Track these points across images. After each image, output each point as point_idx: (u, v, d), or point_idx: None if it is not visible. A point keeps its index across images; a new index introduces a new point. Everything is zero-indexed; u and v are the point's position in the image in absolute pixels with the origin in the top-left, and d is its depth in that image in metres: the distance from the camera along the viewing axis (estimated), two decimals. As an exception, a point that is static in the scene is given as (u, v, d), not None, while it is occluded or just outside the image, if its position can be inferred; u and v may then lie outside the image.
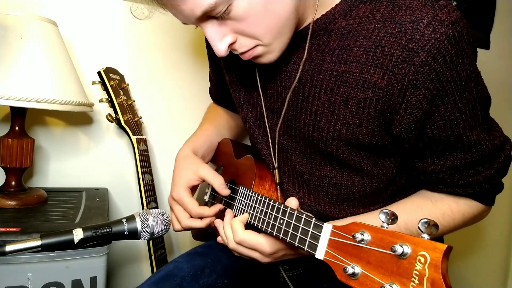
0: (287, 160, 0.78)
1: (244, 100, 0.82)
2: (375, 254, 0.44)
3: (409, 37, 0.56)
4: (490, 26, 1.71)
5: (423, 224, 0.41)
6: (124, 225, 0.67)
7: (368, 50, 0.60)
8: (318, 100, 0.67)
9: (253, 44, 0.63)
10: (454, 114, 0.60)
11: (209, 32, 0.61)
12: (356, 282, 0.45)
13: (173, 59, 1.28)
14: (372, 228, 0.45)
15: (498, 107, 1.74)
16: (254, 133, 0.81)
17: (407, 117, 0.60)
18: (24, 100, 0.85)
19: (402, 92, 0.58)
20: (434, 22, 0.54)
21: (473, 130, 0.62)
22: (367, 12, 0.61)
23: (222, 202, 0.87)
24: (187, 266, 0.76)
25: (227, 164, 0.95)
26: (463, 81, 0.58)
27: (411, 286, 0.40)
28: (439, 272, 0.38)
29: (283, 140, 0.76)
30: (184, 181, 0.84)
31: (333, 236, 0.50)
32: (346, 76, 0.62)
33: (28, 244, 0.59)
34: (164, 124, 1.29)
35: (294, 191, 0.77)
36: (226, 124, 1.05)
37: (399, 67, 0.57)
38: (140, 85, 1.23)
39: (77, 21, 1.14)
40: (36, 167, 1.14)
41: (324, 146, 0.69)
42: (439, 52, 0.55)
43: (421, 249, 0.40)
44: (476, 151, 0.63)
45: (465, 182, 0.66)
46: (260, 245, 0.65)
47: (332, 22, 0.64)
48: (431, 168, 0.67)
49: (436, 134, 0.62)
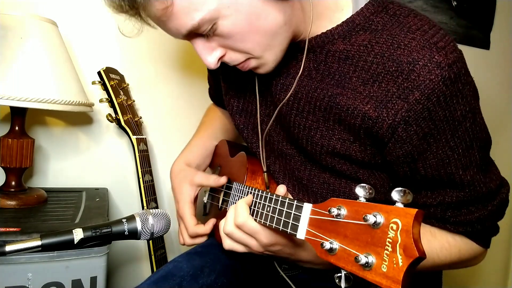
0: (286, 165, 0.79)
1: (242, 107, 0.83)
2: (351, 227, 0.44)
3: (405, 76, 0.57)
4: (490, 26, 1.71)
5: (398, 192, 0.40)
6: (124, 225, 0.67)
7: (366, 82, 0.61)
8: (313, 115, 0.68)
9: (243, 58, 0.64)
10: (446, 152, 0.60)
11: (197, 47, 0.63)
12: (334, 257, 0.45)
13: (173, 59, 1.28)
14: (349, 202, 0.45)
15: (498, 107, 1.75)
16: (252, 140, 0.83)
17: (396, 151, 0.61)
18: (24, 100, 0.85)
19: (392, 127, 0.59)
20: (430, 64, 0.56)
21: (466, 170, 0.62)
22: (366, 41, 0.62)
23: (219, 202, 0.88)
24: (186, 266, 0.76)
25: (224, 164, 0.96)
26: (456, 120, 0.58)
27: (385, 254, 0.39)
28: (411, 237, 0.37)
29: (282, 147, 0.77)
30: (186, 196, 0.89)
31: (313, 215, 0.50)
32: (339, 99, 0.63)
33: (28, 244, 0.59)
34: (164, 124, 1.29)
35: (294, 192, 0.78)
36: (223, 127, 1.07)
37: (393, 102, 0.58)
38: (140, 85, 1.23)
39: (77, 21, 1.14)
40: (36, 167, 1.14)
41: (319, 159, 0.70)
42: (433, 93, 0.56)
43: (393, 217, 0.39)
44: (469, 191, 0.63)
45: (456, 220, 0.66)
46: (259, 233, 0.64)
47: (330, 42, 0.65)
48: (423, 200, 0.67)
49: (428, 172, 0.62)
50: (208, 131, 1.04)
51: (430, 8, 1.57)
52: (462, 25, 1.64)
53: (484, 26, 1.70)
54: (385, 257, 0.39)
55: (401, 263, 0.38)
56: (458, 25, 1.63)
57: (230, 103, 0.85)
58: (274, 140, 0.79)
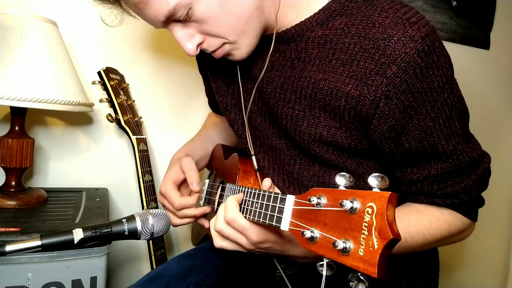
0: (276, 160, 0.79)
1: (231, 104, 0.85)
2: (330, 214, 0.44)
3: (381, 52, 0.59)
4: (490, 26, 1.71)
5: (375, 178, 0.40)
6: (124, 225, 0.67)
7: (345, 63, 0.63)
8: (299, 105, 0.69)
9: (220, 43, 0.67)
10: (427, 123, 0.62)
11: (176, 34, 0.66)
12: (315, 245, 0.45)
13: (173, 59, 1.28)
14: (329, 190, 0.45)
15: (498, 107, 1.75)
16: (242, 135, 0.84)
17: (381, 127, 0.63)
18: (24, 100, 0.85)
19: (375, 103, 0.60)
20: (404, 38, 0.58)
21: (449, 140, 0.64)
22: (343, 24, 0.64)
23: (215, 204, 0.88)
24: (176, 267, 0.77)
25: (218, 167, 0.97)
26: (434, 92, 0.60)
27: (361, 239, 0.39)
28: (385, 219, 0.37)
29: (271, 142, 0.78)
30: (170, 176, 0.89)
31: (296, 206, 0.51)
32: (322, 84, 0.65)
33: (28, 244, 0.59)
34: (164, 124, 1.29)
35: (285, 187, 0.79)
36: (223, 132, 1.09)
37: (372, 79, 0.60)
38: (140, 85, 1.23)
39: (77, 21, 1.15)
40: (36, 167, 1.14)
41: (307, 148, 0.71)
42: (409, 65, 0.58)
43: (368, 201, 0.40)
44: (453, 160, 0.65)
45: (443, 192, 0.68)
46: (248, 230, 0.64)
47: (309, 30, 0.68)
48: (409, 177, 0.69)
49: (412, 145, 0.64)
50: (208, 134, 1.07)
51: (430, 8, 1.57)
52: (462, 25, 1.64)
53: (484, 26, 1.70)
54: (362, 241, 0.39)
55: (377, 245, 0.38)
56: (458, 25, 1.63)
57: (221, 101, 0.87)
58: (264, 135, 0.79)
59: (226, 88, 0.85)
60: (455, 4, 1.62)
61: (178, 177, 0.89)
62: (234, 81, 0.83)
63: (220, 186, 0.90)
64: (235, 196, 0.68)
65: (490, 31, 1.71)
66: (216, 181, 0.94)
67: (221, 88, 0.86)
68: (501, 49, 1.74)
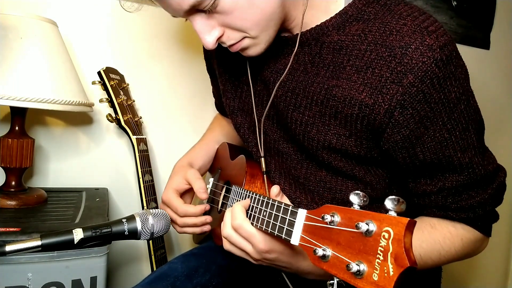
0: (283, 164, 0.79)
1: (238, 107, 0.84)
2: (344, 234, 0.43)
3: (398, 61, 0.58)
4: (490, 26, 1.71)
5: (392, 201, 0.40)
6: (124, 225, 0.67)
7: (359, 70, 0.61)
8: (309, 111, 0.68)
9: (240, 37, 0.65)
10: (443, 135, 0.61)
11: (197, 25, 0.63)
12: (327, 264, 0.44)
13: (174, 59, 1.28)
14: (343, 209, 0.45)
15: (498, 107, 1.75)
16: (248, 138, 0.83)
17: (394, 136, 0.61)
18: (24, 100, 0.85)
19: (389, 112, 0.59)
20: (422, 47, 0.57)
21: (465, 152, 0.62)
22: (359, 30, 0.63)
23: (219, 205, 0.88)
24: (181, 267, 0.76)
25: (224, 167, 0.96)
26: (451, 102, 0.59)
27: (376, 263, 0.39)
28: (402, 246, 0.37)
29: (278, 146, 0.78)
30: (173, 185, 0.89)
31: (308, 221, 0.50)
32: (335, 91, 0.64)
33: (28, 244, 0.59)
34: (164, 124, 1.29)
35: (291, 190, 0.78)
36: (228, 134, 1.08)
37: (387, 87, 0.59)
38: (140, 85, 1.23)
39: (77, 21, 1.14)
40: (36, 167, 1.14)
41: (315, 154, 0.70)
42: (426, 75, 0.56)
43: (385, 225, 0.39)
44: (468, 174, 0.63)
45: (458, 206, 0.66)
46: (255, 237, 0.63)
47: (325, 34, 0.66)
48: (423, 189, 0.67)
49: (427, 156, 0.63)
50: (213, 138, 1.06)
51: (430, 8, 1.57)
52: (462, 25, 1.64)
53: (484, 26, 1.70)
54: (376, 266, 0.39)
55: (392, 272, 0.37)
56: (458, 25, 1.63)
57: (227, 104, 0.86)
58: (271, 139, 0.79)
59: (234, 91, 0.84)
60: (455, 4, 1.62)
61: (180, 186, 0.88)
62: (243, 83, 0.82)
63: (225, 187, 0.89)
64: (242, 202, 0.68)
65: (490, 31, 1.71)
66: (220, 181, 0.94)
67: (228, 90, 0.85)
68: (501, 49, 1.74)
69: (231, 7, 0.60)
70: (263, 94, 0.78)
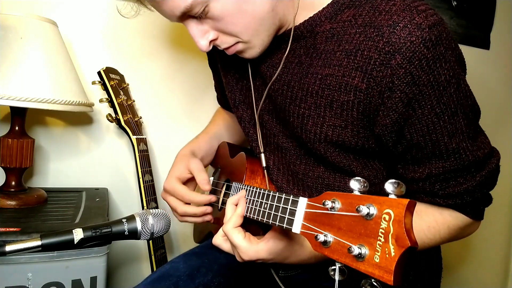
0: (282, 159, 0.79)
1: (239, 100, 0.85)
2: (345, 219, 0.44)
3: (385, 40, 0.57)
4: (490, 26, 1.71)
5: (392, 184, 0.40)
6: (124, 225, 0.67)
7: (349, 54, 0.61)
8: (305, 103, 0.68)
9: (233, 41, 0.67)
10: (431, 118, 0.60)
11: (191, 29, 0.66)
12: (328, 249, 0.44)
13: (173, 59, 1.28)
14: (343, 195, 0.45)
15: (498, 107, 1.75)
16: (249, 132, 0.83)
17: (384, 119, 0.61)
18: (24, 100, 0.85)
19: (381, 94, 0.59)
20: (410, 25, 0.55)
21: (452, 137, 0.61)
22: (350, 16, 0.63)
23: (219, 202, 0.88)
24: (183, 266, 0.76)
25: (224, 165, 0.96)
26: (440, 86, 0.58)
27: (377, 245, 0.39)
28: (403, 227, 0.37)
29: (278, 140, 0.78)
30: (175, 173, 0.88)
31: (308, 209, 0.50)
32: (329, 79, 0.64)
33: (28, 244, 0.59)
34: (164, 124, 1.29)
35: (289, 188, 0.78)
36: (230, 129, 1.08)
37: (377, 70, 0.58)
38: (140, 85, 1.23)
39: (77, 21, 1.15)
40: (36, 167, 1.14)
41: (313, 148, 0.70)
42: (414, 55, 0.55)
43: (385, 207, 0.39)
44: (455, 159, 0.63)
45: (445, 193, 0.65)
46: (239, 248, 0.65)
47: (318, 25, 0.67)
48: (411, 175, 0.67)
49: (414, 138, 0.62)
50: (214, 130, 1.06)
51: (430, 8, 1.57)
52: (462, 25, 1.64)
53: (484, 26, 1.70)
54: (377, 248, 0.39)
55: (393, 253, 0.37)
56: (458, 25, 1.63)
57: (230, 97, 0.87)
58: (270, 133, 0.79)
59: (235, 84, 0.85)
60: (455, 4, 1.62)
61: (183, 175, 0.88)
62: (243, 77, 0.83)
63: (225, 185, 0.90)
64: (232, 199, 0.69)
65: (490, 31, 1.71)
66: (221, 179, 0.94)
67: (230, 83, 0.86)
68: (501, 49, 1.74)
69: (221, 13, 0.62)
70: (261, 89, 0.78)
